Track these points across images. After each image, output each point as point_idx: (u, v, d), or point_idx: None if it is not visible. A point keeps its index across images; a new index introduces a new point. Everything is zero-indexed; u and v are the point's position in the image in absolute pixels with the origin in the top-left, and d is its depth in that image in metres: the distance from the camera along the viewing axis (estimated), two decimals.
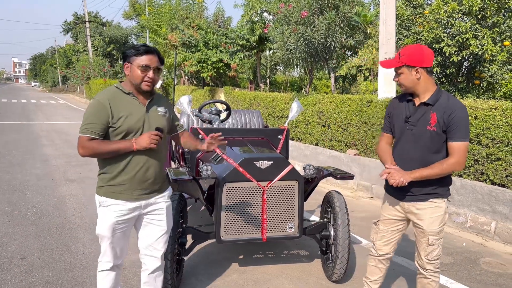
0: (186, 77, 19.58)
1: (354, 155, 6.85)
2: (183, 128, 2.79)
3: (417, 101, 2.55)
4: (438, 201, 2.56)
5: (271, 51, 14.62)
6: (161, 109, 2.54)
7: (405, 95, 2.63)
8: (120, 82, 2.51)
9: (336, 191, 3.65)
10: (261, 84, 14.42)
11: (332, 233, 3.49)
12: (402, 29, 7.37)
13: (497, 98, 6.96)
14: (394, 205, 2.69)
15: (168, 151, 4.77)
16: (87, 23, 33.63)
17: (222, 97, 12.88)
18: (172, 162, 5.34)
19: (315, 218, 5.09)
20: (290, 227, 3.41)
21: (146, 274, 2.69)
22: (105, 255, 2.51)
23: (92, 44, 33.65)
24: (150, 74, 2.40)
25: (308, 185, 3.71)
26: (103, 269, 2.54)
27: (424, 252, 2.59)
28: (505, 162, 4.66)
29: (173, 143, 4.77)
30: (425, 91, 2.50)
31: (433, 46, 6.59)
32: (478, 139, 4.92)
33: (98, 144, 2.31)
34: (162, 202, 2.60)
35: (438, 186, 2.53)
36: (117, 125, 2.35)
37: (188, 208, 4.52)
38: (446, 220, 2.62)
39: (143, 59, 2.38)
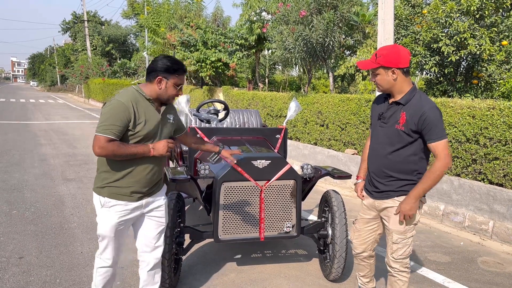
0: (185, 77, 19.59)
1: (353, 154, 6.85)
2: (186, 129, 2.87)
3: (391, 100, 2.56)
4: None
5: (270, 51, 14.62)
6: (170, 117, 2.61)
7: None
8: (138, 83, 2.54)
9: (334, 190, 3.66)
10: (259, 84, 14.41)
11: (330, 232, 3.49)
12: (401, 29, 7.38)
13: (495, 98, 6.98)
14: (369, 204, 2.75)
15: None
16: (85, 22, 33.60)
17: (220, 96, 12.87)
18: (170, 162, 5.33)
19: (313, 217, 5.10)
20: (288, 227, 3.41)
21: (145, 272, 2.72)
22: (105, 252, 2.55)
23: (90, 43, 33.65)
24: (180, 91, 2.50)
25: (306, 184, 3.72)
26: (103, 265, 2.58)
27: (390, 250, 2.63)
28: (502, 162, 4.67)
29: None
30: (400, 91, 2.50)
31: (431, 45, 6.60)
32: (476, 139, 4.93)
33: (118, 147, 2.29)
34: (161, 199, 2.66)
35: (405, 184, 2.53)
36: (137, 129, 2.36)
37: (186, 208, 4.52)
38: (417, 220, 2.56)
39: (181, 79, 2.47)
